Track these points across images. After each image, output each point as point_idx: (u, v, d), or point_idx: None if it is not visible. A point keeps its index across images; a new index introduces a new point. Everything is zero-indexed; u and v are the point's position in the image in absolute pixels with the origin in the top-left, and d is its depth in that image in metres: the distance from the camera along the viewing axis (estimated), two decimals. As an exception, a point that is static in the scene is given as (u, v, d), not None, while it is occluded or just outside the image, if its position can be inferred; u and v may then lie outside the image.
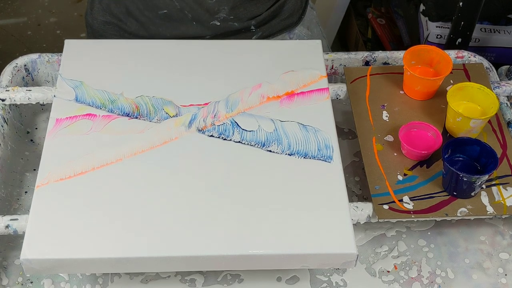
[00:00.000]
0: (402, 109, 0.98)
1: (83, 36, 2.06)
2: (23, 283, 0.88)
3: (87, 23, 1.14)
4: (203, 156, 0.87)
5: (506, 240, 0.93)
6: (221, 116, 0.92)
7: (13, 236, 0.90)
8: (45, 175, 0.84)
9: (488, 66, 1.08)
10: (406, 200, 0.87)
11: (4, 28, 2.26)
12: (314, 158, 0.88)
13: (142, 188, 0.83)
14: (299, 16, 1.17)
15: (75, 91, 0.94)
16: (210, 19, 1.07)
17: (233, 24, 1.09)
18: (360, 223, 0.89)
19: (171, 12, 1.07)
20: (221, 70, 0.99)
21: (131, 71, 0.98)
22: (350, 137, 1.06)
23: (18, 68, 1.04)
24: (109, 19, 1.10)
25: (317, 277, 0.89)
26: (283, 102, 0.95)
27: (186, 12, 1.06)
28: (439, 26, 1.58)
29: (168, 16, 1.07)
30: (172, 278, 0.88)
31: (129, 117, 0.92)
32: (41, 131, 1.05)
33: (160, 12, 1.07)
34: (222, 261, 0.79)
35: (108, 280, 0.88)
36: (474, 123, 0.92)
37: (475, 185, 0.86)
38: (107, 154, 0.87)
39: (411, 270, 0.90)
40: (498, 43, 1.60)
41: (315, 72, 0.99)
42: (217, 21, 1.08)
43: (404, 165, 0.91)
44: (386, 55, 1.08)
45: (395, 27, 1.89)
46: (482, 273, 0.90)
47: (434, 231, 0.94)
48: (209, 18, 1.07)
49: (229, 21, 1.08)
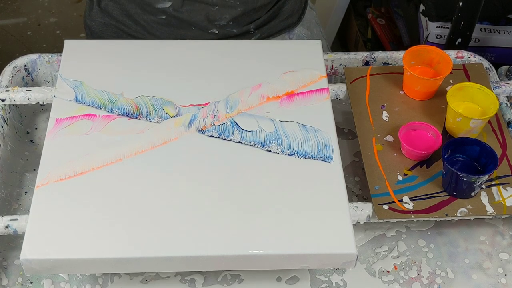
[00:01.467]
0: (402, 109, 0.98)
1: (83, 36, 2.06)
2: (23, 283, 0.88)
3: (85, 24, 1.14)
4: (203, 156, 0.87)
5: (506, 240, 0.93)
6: (221, 116, 0.92)
7: (13, 236, 0.90)
8: (45, 175, 0.84)
9: (488, 66, 1.08)
10: (406, 200, 0.87)
11: (4, 28, 2.26)
12: (314, 158, 0.88)
13: (142, 188, 0.83)
14: (299, 16, 1.16)
15: (75, 91, 0.94)
16: (209, 27, 1.07)
17: (231, 30, 1.09)
18: (360, 223, 0.89)
19: (170, 18, 1.07)
20: (221, 70, 0.99)
21: (131, 71, 0.98)
22: (350, 137, 1.06)
23: (18, 68, 1.04)
24: (107, 21, 1.10)
25: (317, 277, 0.89)
26: (283, 102, 0.95)
27: (185, 18, 1.06)
28: (439, 26, 1.58)
29: (167, 21, 1.07)
30: (172, 278, 0.88)
31: (129, 117, 0.92)
32: (41, 131, 1.05)
33: (158, 17, 1.07)
34: (222, 261, 0.79)
35: (108, 280, 0.88)
36: (474, 123, 0.92)
37: (475, 185, 0.86)
38: (107, 154, 0.87)
39: (411, 270, 0.90)
40: (498, 43, 1.60)
41: (315, 72, 0.99)
42: (216, 29, 1.08)
43: (404, 165, 0.91)
44: (386, 55, 1.08)
45: (395, 27, 1.89)
46: (482, 273, 0.90)
47: (434, 231, 0.94)
48: (208, 25, 1.07)
49: (228, 27, 1.08)
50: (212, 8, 1.05)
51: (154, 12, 1.06)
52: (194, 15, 1.06)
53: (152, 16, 1.07)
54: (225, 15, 1.06)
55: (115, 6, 1.08)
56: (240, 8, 1.05)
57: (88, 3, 1.12)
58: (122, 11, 1.08)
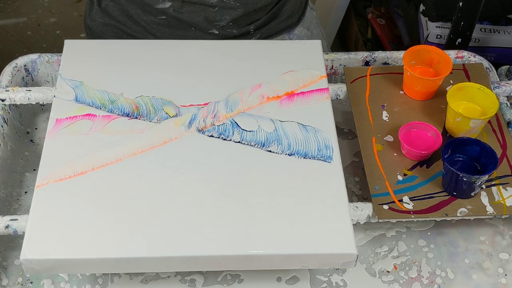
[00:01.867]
0: (402, 109, 0.98)
1: (83, 36, 2.06)
2: (23, 283, 0.88)
3: (86, 24, 1.14)
4: (203, 156, 0.87)
5: (506, 240, 0.93)
6: (221, 116, 0.92)
7: (13, 236, 0.90)
8: (45, 175, 0.84)
9: (488, 66, 1.08)
10: (406, 200, 0.87)
11: (4, 28, 2.26)
12: (314, 158, 0.88)
13: (142, 188, 0.83)
14: (299, 17, 1.16)
15: (75, 91, 0.94)
16: (208, 27, 1.07)
17: (231, 31, 1.09)
18: (360, 223, 0.89)
19: (170, 18, 1.07)
20: (221, 70, 0.99)
21: (131, 71, 0.98)
22: (350, 137, 1.06)
23: (18, 68, 1.04)
24: (107, 21, 1.10)
25: (317, 277, 0.89)
26: (283, 102, 0.95)
27: (185, 19, 1.06)
28: (439, 26, 1.58)
29: (167, 22, 1.07)
30: (172, 278, 0.88)
31: (129, 117, 0.92)
32: (41, 131, 1.05)
33: (158, 18, 1.07)
34: (222, 261, 0.79)
35: (108, 280, 0.88)
36: (474, 123, 0.92)
37: (475, 185, 0.86)
38: (107, 154, 0.87)
39: (411, 270, 0.90)
40: (498, 43, 1.60)
41: (315, 72, 0.99)
42: (216, 30, 1.08)
43: (404, 165, 0.91)
44: (386, 55, 1.08)
45: (395, 27, 1.89)
46: (482, 273, 0.90)
47: (434, 231, 0.94)
48: (207, 26, 1.07)
49: (228, 28, 1.08)
50: (212, 9, 1.05)
51: (154, 13, 1.06)
52: (194, 16, 1.06)
53: (152, 16, 1.07)
54: (225, 16, 1.06)
55: (115, 7, 1.08)
56: (240, 10, 1.05)
57: (88, 3, 1.12)
58: (122, 11, 1.08)
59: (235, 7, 1.05)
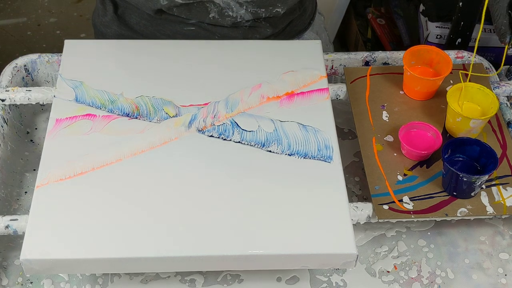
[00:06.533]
0: (402, 109, 0.98)
1: (83, 36, 2.06)
2: (23, 283, 0.88)
3: (96, 29, 1.11)
4: (203, 156, 0.87)
5: (506, 240, 0.93)
6: (221, 116, 0.92)
7: (13, 236, 0.90)
8: (45, 175, 0.84)
9: (488, 66, 1.08)
10: (406, 200, 0.87)
11: (4, 28, 2.26)
12: (314, 158, 0.88)
13: (142, 188, 0.83)
14: (309, 21, 1.16)
15: (75, 91, 0.94)
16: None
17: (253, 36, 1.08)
18: (360, 223, 0.89)
19: (199, 30, 1.05)
20: (221, 70, 0.99)
21: (131, 71, 0.98)
22: (350, 137, 1.06)
23: (18, 68, 1.04)
24: (125, 32, 1.07)
25: (317, 277, 0.89)
26: (283, 102, 0.95)
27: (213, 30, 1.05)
28: (439, 26, 1.58)
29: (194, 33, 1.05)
30: (172, 278, 0.88)
31: (129, 117, 0.92)
32: (41, 131, 1.05)
33: (185, 29, 1.05)
34: (222, 261, 0.79)
35: (108, 280, 0.88)
36: (474, 123, 0.92)
37: (475, 185, 0.86)
38: (107, 154, 0.87)
39: (411, 270, 0.90)
40: (498, 43, 1.59)
41: (315, 72, 0.99)
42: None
43: (404, 165, 0.91)
44: (386, 55, 1.08)
45: (395, 27, 1.89)
46: (482, 273, 0.90)
47: (434, 231, 0.94)
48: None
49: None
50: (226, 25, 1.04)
51: (183, 25, 1.05)
52: (229, 31, 1.04)
53: (178, 26, 1.05)
54: (255, 35, 1.06)
55: (130, 16, 1.06)
56: (269, 30, 1.06)
57: (101, 9, 1.09)
58: (137, 21, 1.06)
59: (265, 26, 1.05)
